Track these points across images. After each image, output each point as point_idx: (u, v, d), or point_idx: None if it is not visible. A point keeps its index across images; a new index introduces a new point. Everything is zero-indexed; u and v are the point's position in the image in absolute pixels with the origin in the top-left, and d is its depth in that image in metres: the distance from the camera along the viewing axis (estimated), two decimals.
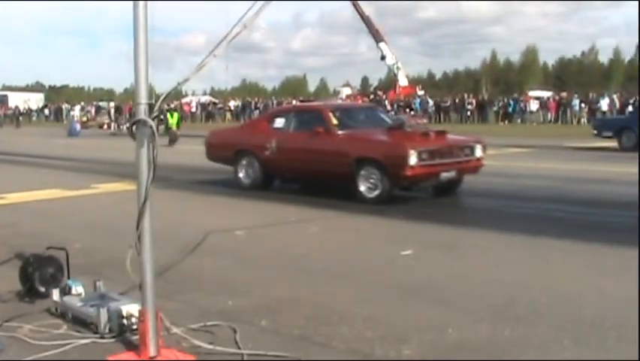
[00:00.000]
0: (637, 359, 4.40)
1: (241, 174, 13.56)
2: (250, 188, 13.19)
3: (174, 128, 30.13)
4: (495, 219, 10.03)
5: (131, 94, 6.78)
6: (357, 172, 11.43)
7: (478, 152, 11.86)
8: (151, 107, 4.25)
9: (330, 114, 12.51)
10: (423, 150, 11.03)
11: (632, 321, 5.00)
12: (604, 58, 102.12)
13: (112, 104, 60.21)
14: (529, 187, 11.91)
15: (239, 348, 4.68)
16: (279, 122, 13.32)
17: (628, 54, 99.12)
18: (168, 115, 29.63)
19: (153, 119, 4.23)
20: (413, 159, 10.83)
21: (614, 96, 45.60)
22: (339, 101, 47.40)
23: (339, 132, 12.14)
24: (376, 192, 11.24)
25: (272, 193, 12.74)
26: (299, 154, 12.56)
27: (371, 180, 11.30)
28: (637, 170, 12.91)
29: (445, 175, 11.37)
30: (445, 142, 11.78)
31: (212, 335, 4.93)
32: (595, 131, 24.61)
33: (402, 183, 11.45)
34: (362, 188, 11.39)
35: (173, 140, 28.05)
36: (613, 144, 23.11)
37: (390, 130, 12.33)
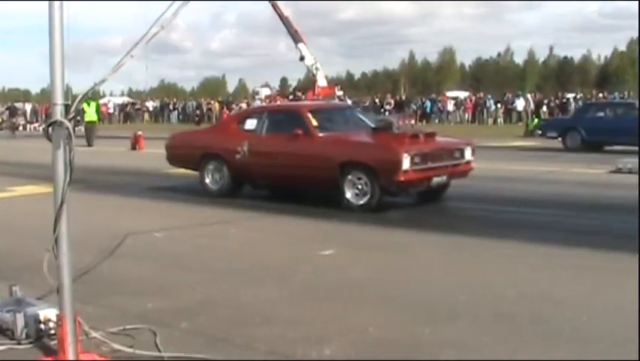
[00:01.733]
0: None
1: (208, 180, 12.51)
2: (218, 195, 12.16)
3: (94, 118, 28.14)
4: (417, 217, 10.19)
5: (48, 94, 6.66)
6: (343, 178, 10.62)
7: (468, 154, 11.29)
8: (67, 108, 4.18)
9: (310, 115, 11.66)
10: (416, 153, 10.30)
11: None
12: (519, 59, 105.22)
13: (28, 105, 58.61)
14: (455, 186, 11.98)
15: (159, 351, 4.65)
16: (251, 124, 12.28)
17: (542, 55, 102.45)
18: (85, 105, 25.66)
19: (70, 121, 4.17)
20: (406, 164, 10.10)
21: (529, 96, 46.97)
22: (258, 102, 47.30)
23: (321, 134, 11.36)
24: (365, 199, 10.44)
25: (192, 196, 12.51)
26: (275, 159, 11.66)
27: (358, 187, 10.52)
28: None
29: (436, 180, 10.75)
30: (436, 144, 11.12)
31: (133, 339, 4.87)
32: (540, 132, 25.19)
33: (393, 189, 10.67)
34: (348, 195, 10.57)
35: (90, 137, 27.29)
36: (535, 143, 23.85)
37: (377, 132, 11.44)
